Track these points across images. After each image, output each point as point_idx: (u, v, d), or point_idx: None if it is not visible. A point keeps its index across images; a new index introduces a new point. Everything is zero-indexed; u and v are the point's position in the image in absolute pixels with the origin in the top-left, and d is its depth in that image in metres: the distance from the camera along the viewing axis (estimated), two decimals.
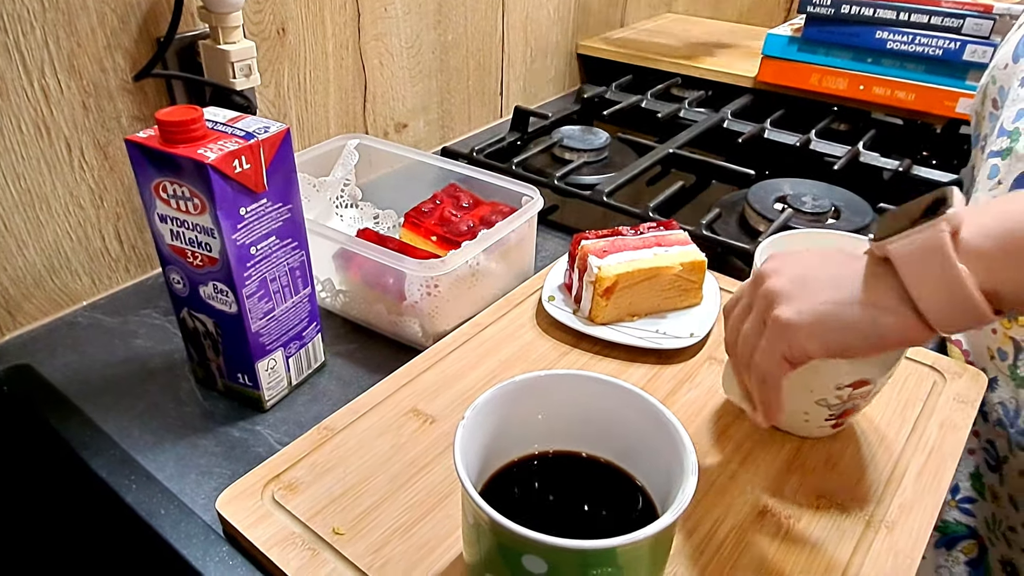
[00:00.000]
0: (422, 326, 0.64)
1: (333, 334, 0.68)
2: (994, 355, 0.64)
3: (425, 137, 1.04)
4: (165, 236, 0.53)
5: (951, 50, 0.97)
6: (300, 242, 0.57)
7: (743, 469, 0.52)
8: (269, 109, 0.81)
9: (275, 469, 0.50)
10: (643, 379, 0.60)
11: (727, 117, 1.09)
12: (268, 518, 0.47)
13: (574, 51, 1.29)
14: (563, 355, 0.63)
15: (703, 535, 0.47)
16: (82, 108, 0.65)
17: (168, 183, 0.50)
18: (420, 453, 0.52)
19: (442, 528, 0.47)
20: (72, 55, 0.63)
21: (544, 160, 0.99)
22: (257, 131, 0.51)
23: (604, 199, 0.85)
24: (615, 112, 1.10)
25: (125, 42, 0.66)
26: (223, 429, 0.57)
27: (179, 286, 0.55)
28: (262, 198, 0.52)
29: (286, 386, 0.60)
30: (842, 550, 0.46)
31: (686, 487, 0.36)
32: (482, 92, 1.11)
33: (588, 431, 0.44)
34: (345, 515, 0.47)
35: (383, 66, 0.92)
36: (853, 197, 0.86)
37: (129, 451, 0.55)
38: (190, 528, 0.48)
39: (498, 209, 0.73)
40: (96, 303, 0.71)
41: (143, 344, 0.66)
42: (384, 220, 0.82)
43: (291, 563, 0.44)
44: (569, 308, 0.67)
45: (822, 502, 0.50)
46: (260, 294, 0.54)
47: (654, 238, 0.67)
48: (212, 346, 0.57)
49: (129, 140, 0.49)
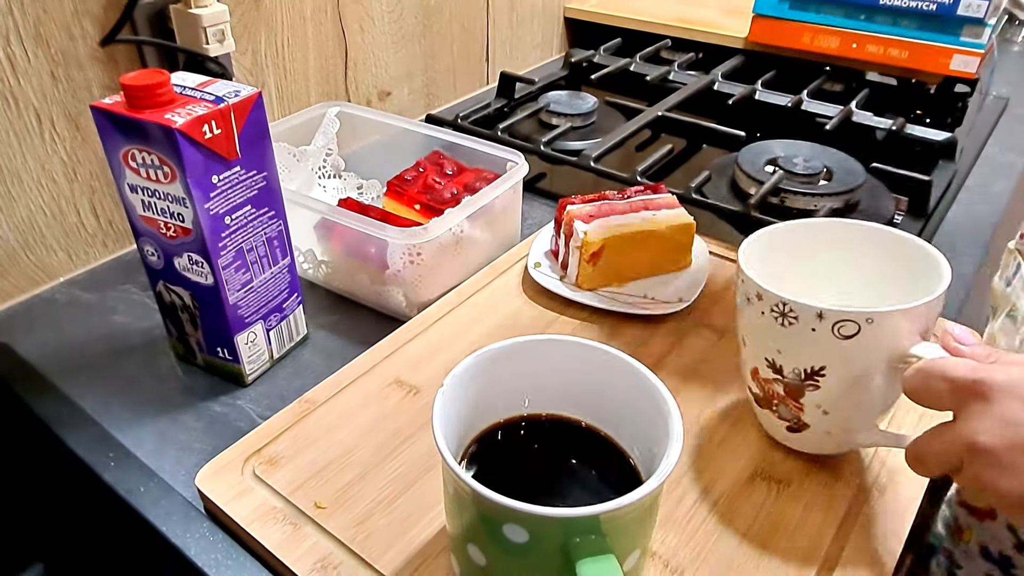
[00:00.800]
0: (406, 295, 0.63)
1: (316, 306, 0.66)
2: None
3: (410, 105, 1.01)
4: (137, 207, 0.51)
5: (945, 4, 0.95)
6: (277, 211, 0.55)
7: (733, 435, 0.51)
8: (247, 77, 0.79)
9: (256, 443, 0.49)
10: (631, 345, 0.59)
11: (717, 79, 1.07)
12: (249, 493, 0.46)
13: (561, 14, 1.26)
14: (550, 323, 0.62)
15: (692, 501, 0.46)
16: (51, 78, 0.63)
17: (136, 151, 0.48)
18: (403, 425, 0.51)
19: (425, 500, 0.46)
20: (38, 22, 0.61)
21: (531, 126, 0.97)
22: (227, 95, 0.49)
23: (591, 164, 0.83)
24: (603, 76, 1.08)
25: (93, 8, 0.64)
26: (204, 404, 0.56)
27: (153, 258, 0.54)
28: (235, 165, 0.50)
29: (267, 360, 0.59)
30: (833, 514, 0.46)
31: (671, 453, 0.35)
32: (467, 58, 1.08)
33: (572, 396, 0.43)
34: (327, 489, 0.46)
35: (364, 31, 0.90)
36: (845, 158, 0.84)
37: (107, 428, 0.54)
38: (170, 505, 0.48)
39: (482, 176, 0.72)
40: (74, 279, 0.70)
41: (122, 320, 0.65)
42: (368, 190, 0.80)
43: (272, 538, 0.43)
44: (556, 275, 0.66)
45: (813, 466, 0.49)
46: (237, 265, 0.53)
47: (641, 202, 0.66)
48: (190, 320, 0.56)
49: (94, 106, 0.48)
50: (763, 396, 0.48)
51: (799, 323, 0.42)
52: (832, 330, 0.42)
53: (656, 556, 0.43)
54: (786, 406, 0.47)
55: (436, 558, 0.42)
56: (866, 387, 0.44)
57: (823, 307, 0.41)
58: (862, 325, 0.41)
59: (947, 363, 0.38)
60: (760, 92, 1.03)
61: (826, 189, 0.79)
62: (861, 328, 0.41)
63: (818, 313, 0.41)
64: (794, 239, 0.51)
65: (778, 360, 0.45)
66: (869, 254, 0.50)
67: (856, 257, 0.50)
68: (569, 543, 0.33)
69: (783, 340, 0.44)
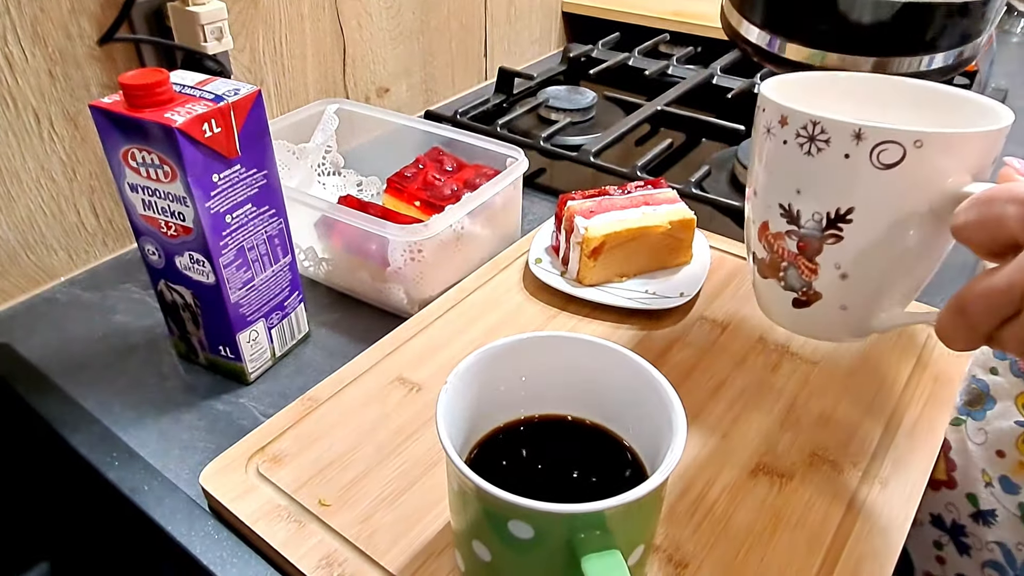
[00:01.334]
0: (407, 293, 0.63)
1: (317, 304, 0.66)
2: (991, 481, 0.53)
3: (408, 101, 1.01)
4: (137, 206, 0.51)
5: None
6: (278, 209, 0.55)
7: (735, 428, 0.51)
8: (245, 75, 0.78)
9: (259, 442, 0.50)
10: (632, 341, 0.59)
11: (716, 73, 1.07)
12: (253, 491, 0.46)
13: (559, 9, 1.26)
14: (551, 318, 0.62)
15: (695, 495, 0.47)
16: (49, 77, 0.63)
17: (136, 150, 0.48)
18: (406, 422, 0.51)
19: (429, 496, 0.46)
20: (35, 21, 0.61)
21: (530, 121, 0.97)
22: (227, 93, 0.49)
23: (591, 159, 0.83)
24: (602, 71, 1.08)
25: (91, 6, 0.64)
26: (206, 403, 0.56)
27: (154, 257, 0.54)
28: (235, 164, 0.50)
29: (269, 358, 0.59)
30: (836, 507, 0.46)
31: (675, 447, 0.35)
32: (466, 54, 1.08)
33: (575, 393, 0.43)
34: (331, 486, 0.46)
35: (362, 27, 0.89)
36: None
37: (111, 427, 0.54)
38: (174, 503, 0.48)
39: (482, 172, 0.71)
40: (74, 279, 0.70)
41: (123, 319, 0.65)
42: (368, 187, 0.80)
43: (277, 536, 0.43)
44: (557, 270, 0.66)
45: (815, 459, 0.49)
46: (238, 263, 0.53)
47: (642, 197, 0.66)
48: (192, 318, 0.56)
49: (93, 106, 0.48)
50: (769, 260, 0.40)
51: (830, 148, 0.36)
52: (871, 157, 0.34)
53: (660, 550, 0.43)
54: (796, 268, 0.39)
55: (440, 554, 0.42)
56: (901, 239, 0.36)
57: (864, 124, 0.34)
58: (908, 150, 0.34)
59: (1016, 184, 0.31)
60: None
61: None
62: (907, 153, 0.34)
63: (855, 131, 0.35)
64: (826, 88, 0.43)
65: (796, 204, 0.38)
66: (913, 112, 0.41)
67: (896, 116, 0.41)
68: (574, 539, 0.33)
69: (807, 174, 0.37)
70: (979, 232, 0.31)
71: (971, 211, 0.31)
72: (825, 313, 0.40)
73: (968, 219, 0.31)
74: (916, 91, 0.42)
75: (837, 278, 0.38)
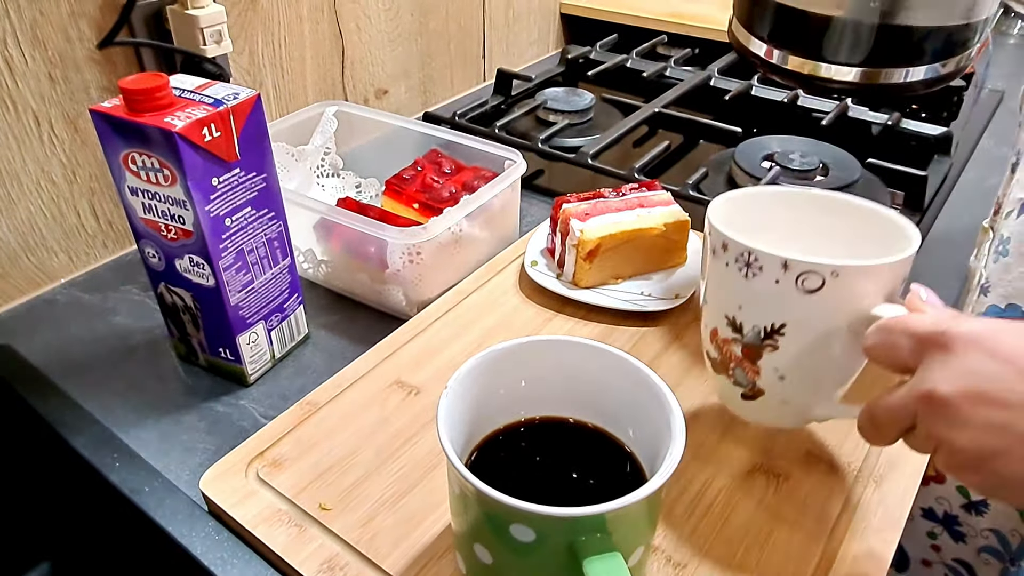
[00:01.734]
0: (406, 294, 0.63)
1: (316, 305, 0.67)
2: None
3: (407, 103, 1.01)
4: (137, 209, 0.51)
5: None
6: (277, 212, 0.55)
7: (731, 429, 0.52)
8: (244, 77, 0.79)
9: (259, 446, 0.50)
10: (629, 342, 0.60)
11: (714, 74, 1.07)
12: (253, 496, 0.46)
13: (557, 10, 1.26)
14: (547, 321, 0.62)
15: (693, 496, 0.47)
16: (48, 80, 0.63)
17: (136, 154, 0.48)
18: (405, 425, 0.51)
19: (430, 499, 0.46)
20: (35, 24, 0.61)
21: (528, 123, 0.97)
22: (226, 98, 0.49)
23: (589, 161, 0.84)
24: (600, 72, 1.08)
25: (90, 9, 0.64)
26: (207, 404, 0.56)
27: (155, 260, 0.54)
28: (235, 167, 0.50)
29: (269, 360, 0.59)
30: (831, 506, 0.46)
31: (674, 449, 0.35)
32: (464, 55, 1.08)
33: (574, 396, 0.44)
34: (331, 490, 0.47)
35: (360, 30, 0.90)
36: (841, 153, 0.85)
37: (111, 429, 0.54)
38: (175, 504, 0.48)
39: (480, 174, 0.72)
40: (74, 280, 0.70)
41: (123, 321, 0.65)
42: (366, 189, 0.80)
43: (278, 541, 0.44)
44: (552, 273, 0.66)
45: (811, 458, 0.49)
46: (238, 266, 0.53)
47: (636, 199, 0.66)
48: (192, 321, 0.56)
49: (93, 110, 0.48)
50: (720, 359, 0.46)
51: (763, 274, 0.41)
52: (796, 283, 0.40)
53: (659, 551, 0.44)
54: (742, 369, 0.45)
55: (442, 557, 0.43)
56: (826, 350, 0.42)
57: (788, 257, 0.40)
58: (827, 278, 0.39)
59: (910, 318, 0.37)
60: (756, 88, 1.03)
61: (822, 184, 0.79)
62: (826, 281, 0.39)
63: (783, 263, 0.40)
64: (766, 203, 0.49)
65: (739, 317, 0.43)
66: (839, 223, 0.48)
67: (826, 225, 0.48)
68: (575, 541, 0.33)
69: (745, 294, 0.43)
70: (881, 356, 0.38)
71: (875, 336, 0.38)
72: (769, 406, 0.46)
73: (872, 343, 0.38)
74: (841, 204, 0.48)
75: (776, 379, 0.44)
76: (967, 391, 0.32)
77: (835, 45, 0.55)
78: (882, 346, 0.37)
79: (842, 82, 0.56)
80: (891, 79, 0.55)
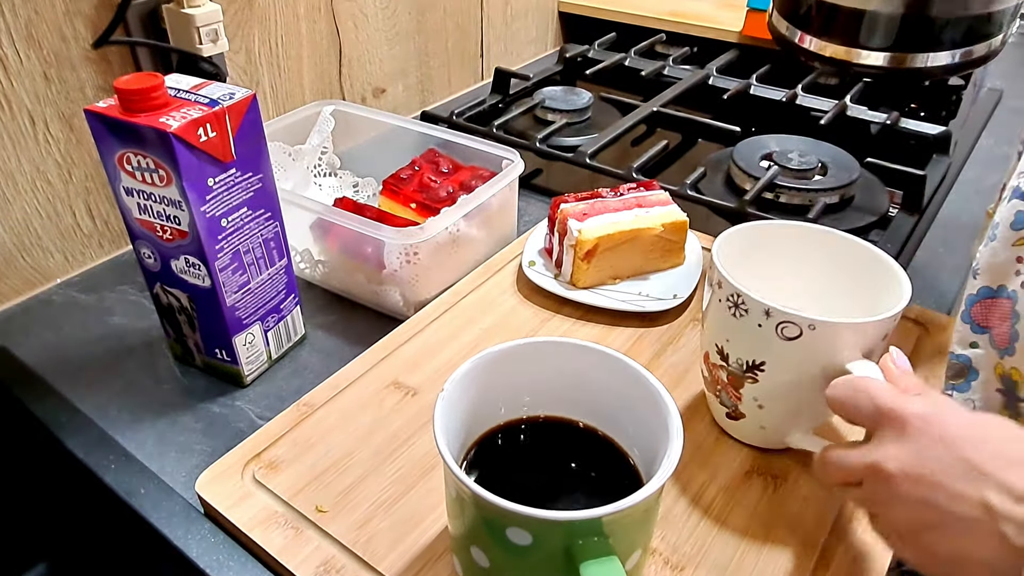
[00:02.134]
0: (403, 295, 0.63)
1: (313, 306, 0.66)
2: None
3: (405, 102, 1.01)
4: (133, 210, 0.51)
5: None
6: (273, 213, 0.55)
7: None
8: (240, 76, 0.78)
9: (255, 448, 0.50)
10: (627, 343, 0.59)
11: (712, 73, 1.07)
12: (249, 498, 0.46)
13: (555, 8, 1.26)
14: (545, 321, 0.62)
15: (691, 498, 0.47)
16: (43, 79, 0.63)
17: (132, 155, 0.48)
18: (402, 426, 0.51)
19: (427, 501, 0.46)
20: (30, 23, 0.61)
21: (526, 122, 0.97)
22: (222, 98, 0.49)
23: (587, 161, 0.83)
24: (598, 71, 1.08)
25: (85, 8, 0.63)
26: (203, 405, 0.56)
27: (150, 261, 0.54)
28: (231, 168, 0.50)
29: (266, 360, 0.59)
30: (830, 507, 0.46)
31: (671, 452, 0.35)
32: (462, 54, 1.08)
33: (570, 398, 0.43)
34: (328, 492, 0.46)
35: (358, 28, 0.89)
36: (840, 152, 0.85)
37: (107, 430, 0.54)
38: (171, 506, 0.48)
39: (478, 174, 0.72)
40: (70, 280, 0.70)
41: (119, 321, 0.65)
42: (364, 188, 0.80)
43: (274, 543, 0.43)
44: (550, 273, 0.66)
45: (808, 460, 0.49)
46: (234, 267, 0.53)
47: (634, 199, 0.66)
48: (188, 321, 0.56)
49: (88, 110, 0.47)
50: (710, 380, 0.50)
51: (748, 316, 0.44)
52: (776, 329, 0.43)
53: (656, 553, 0.43)
54: (727, 394, 0.48)
55: (438, 560, 0.43)
56: (801, 391, 0.45)
57: (771, 305, 0.43)
58: (804, 330, 0.42)
59: (874, 384, 0.39)
60: (755, 87, 1.03)
61: (821, 184, 0.79)
62: (803, 333, 0.42)
63: (766, 310, 0.43)
64: (776, 238, 0.52)
65: (726, 348, 0.47)
66: (842, 265, 0.50)
67: (828, 266, 0.51)
68: (572, 545, 0.33)
69: (733, 330, 0.46)
70: (841, 410, 0.40)
71: (839, 390, 0.40)
72: (750, 428, 0.50)
73: (835, 395, 0.40)
74: (846, 247, 0.50)
75: (756, 407, 0.47)
76: (909, 472, 0.35)
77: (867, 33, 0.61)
78: (844, 401, 0.40)
79: (873, 67, 0.62)
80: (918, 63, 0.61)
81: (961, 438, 0.35)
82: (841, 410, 0.40)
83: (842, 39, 0.61)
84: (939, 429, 0.35)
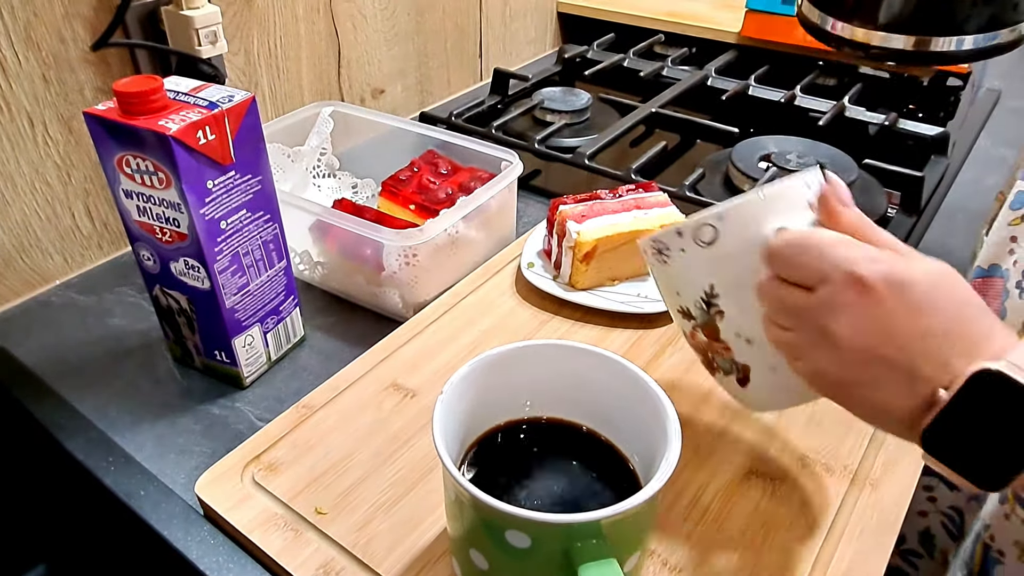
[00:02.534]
0: (402, 296, 0.63)
1: (312, 307, 0.67)
2: None
3: (403, 103, 1.01)
4: (132, 212, 0.51)
5: None
6: (272, 215, 0.55)
7: (727, 433, 0.52)
8: (239, 78, 0.78)
9: (255, 450, 0.50)
10: (625, 345, 0.60)
11: (711, 74, 1.07)
12: (249, 500, 0.46)
13: (554, 9, 1.26)
14: (543, 323, 0.62)
15: (688, 500, 0.47)
16: (42, 81, 0.63)
17: (131, 157, 0.48)
18: (401, 428, 0.51)
19: (426, 503, 0.46)
20: (29, 25, 0.61)
21: (525, 123, 0.97)
22: (221, 100, 0.49)
23: (586, 162, 0.84)
24: (597, 72, 1.08)
25: (84, 10, 0.63)
26: (202, 407, 0.56)
27: (150, 263, 0.54)
28: (230, 170, 0.50)
29: (265, 362, 0.59)
30: (827, 509, 0.46)
31: (669, 455, 0.35)
32: (460, 55, 1.08)
33: (568, 400, 0.44)
34: (327, 494, 0.47)
35: (356, 29, 0.89)
36: (838, 153, 0.85)
37: (106, 432, 0.54)
38: (171, 508, 0.48)
39: (477, 175, 0.72)
40: (69, 282, 0.70)
41: (119, 323, 0.65)
42: (363, 189, 0.80)
43: (274, 545, 0.44)
44: (549, 274, 0.66)
45: (806, 462, 0.49)
46: (233, 269, 0.53)
47: (633, 201, 0.66)
48: (187, 323, 0.56)
49: (87, 113, 0.48)
50: (703, 358, 0.47)
51: (672, 252, 0.42)
52: (696, 243, 0.41)
53: (655, 555, 0.44)
54: (719, 355, 0.45)
55: (437, 561, 0.43)
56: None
57: (679, 226, 0.41)
58: (716, 225, 0.40)
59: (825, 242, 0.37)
60: (753, 87, 1.03)
61: None
62: (718, 229, 0.40)
63: (677, 231, 0.41)
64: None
65: (683, 303, 0.44)
66: None
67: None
68: (571, 548, 0.33)
69: (673, 279, 0.44)
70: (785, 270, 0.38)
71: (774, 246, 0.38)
72: (763, 380, 0.44)
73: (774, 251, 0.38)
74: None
75: (744, 345, 0.43)
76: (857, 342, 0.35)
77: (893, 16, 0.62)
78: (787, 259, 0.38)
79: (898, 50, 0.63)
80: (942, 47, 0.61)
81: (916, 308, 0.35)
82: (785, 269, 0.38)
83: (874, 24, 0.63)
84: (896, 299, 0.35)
